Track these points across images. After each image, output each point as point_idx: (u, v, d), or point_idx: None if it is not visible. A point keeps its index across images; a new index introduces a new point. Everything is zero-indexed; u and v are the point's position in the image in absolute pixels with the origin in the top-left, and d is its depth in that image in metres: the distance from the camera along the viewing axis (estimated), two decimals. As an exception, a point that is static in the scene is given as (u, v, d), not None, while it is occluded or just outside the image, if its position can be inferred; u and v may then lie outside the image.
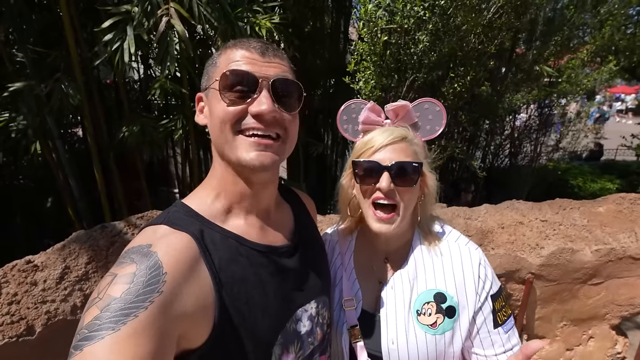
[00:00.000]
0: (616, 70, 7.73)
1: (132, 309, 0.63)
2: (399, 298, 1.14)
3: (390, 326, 1.11)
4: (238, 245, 0.85)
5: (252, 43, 0.87)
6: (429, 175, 1.17)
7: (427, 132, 1.22)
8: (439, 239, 1.21)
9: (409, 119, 1.18)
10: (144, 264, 0.69)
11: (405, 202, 1.11)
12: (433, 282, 1.13)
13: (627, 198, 2.43)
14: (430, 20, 3.06)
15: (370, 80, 3.22)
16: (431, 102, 1.20)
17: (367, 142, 1.14)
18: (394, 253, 1.23)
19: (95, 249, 1.77)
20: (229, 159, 0.87)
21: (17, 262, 1.61)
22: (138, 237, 0.79)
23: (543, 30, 5.59)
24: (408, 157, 1.10)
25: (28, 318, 1.52)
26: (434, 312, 1.09)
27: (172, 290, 0.68)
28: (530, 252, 2.18)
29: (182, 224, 0.81)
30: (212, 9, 2.68)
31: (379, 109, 1.21)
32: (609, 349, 2.41)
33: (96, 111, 3.79)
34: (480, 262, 1.15)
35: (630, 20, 8.53)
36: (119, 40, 2.51)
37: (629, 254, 2.20)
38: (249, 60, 0.85)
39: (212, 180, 0.92)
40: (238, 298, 0.80)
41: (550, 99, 6.82)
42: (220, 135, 0.85)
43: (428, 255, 1.17)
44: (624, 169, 9.54)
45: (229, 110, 0.83)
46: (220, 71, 0.85)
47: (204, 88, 0.91)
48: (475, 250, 1.18)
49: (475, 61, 3.67)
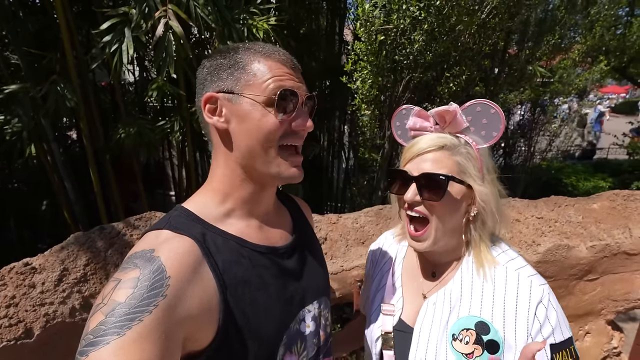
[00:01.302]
0: (607, 70, 7.83)
1: (136, 314, 0.64)
2: (437, 316, 1.05)
3: (422, 343, 1.04)
4: (239, 247, 0.86)
5: (281, 55, 0.89)
6: (480, 190, 1.04)
7: (483, 138, 1.08)
8: (495, 263, 1.06)
9: (457, 125, 1.07)
10: (148, 269, 0.70)
11: (438, 217, 1.03)
12: (478, 309, 1.01)
13: (621, 195, 2.47)
14: (426, 20, 3.09)
15: (367, 79, 3.24)
16: (484, 104, 1.06)
17: (406, 150, 1.11)
18: (443, 268, 1.14)
19: (94, 251, 1.77)
20: (260, 171, 0.89)
21: (14, 265, 1.60)
22: (140, 242, 0.80)
23: (535, 31, 5.65)
24: (443, 167, 1.02)
25: (26, 321, 1.51)
26: (472, 341, 0.98)
27: (176, 293, 0.69)
28: (527, 249, 2.20)
29: (183, 227, 0.81)
30: (209, 10, 2.69)
31: (426, 114, 1.13)
32: (605, 344, 2.43)
33: (92, 113, 3.77)
34: (541, 299, 0.97)
35: (620, 20, 8.64)
36: (117, 42, 2.51)
37: (624, 249, 2.23)
38: (290, 76, 0.88)
39: (214, 185, 0.93)
40: (242, 299, 0.81)
41: (543, 99, 6.89)
42: (259, 149, 0.86)
43: (478, 279, 1.05)
44: (616, 168, 9.65)
45: (280, 125, 0.86)
46: (260, 82, 0.85)
47: (228, 91, 0.87)
48: (540, 285, 1.00)
49: (470, 61, 3.71)
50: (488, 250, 1.08)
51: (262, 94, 0.84)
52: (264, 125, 0.85)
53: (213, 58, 0.91)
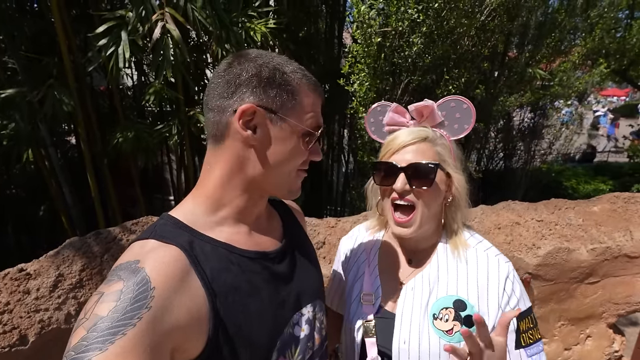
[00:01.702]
0: (607, 72, 7.84)
1: (119, 327, 0.62)
2: (417, 300, 1.12)
3: (405, 326, 1.10)
4: (228, 254, 0.84)
5: (319, 91, 0.93)
6: (457, 178, 1.14)
7: (455, 131, 1.19)
8: (467, 245, 1.17)
9: (433, 119, 1.16)
10: (131, 280, 0.68)
11: (424, 203, 1.10)
12: (454, 289, 1.10)
13: (621, 197, 2.45)
14: (424, 22, 3.08)
15: (364, 82, 3.23)
16: (458, 100, 1.17)
17: (388, 144, 1.16)
18: (419, 255, 1.21)
19: (90, 256, 1.75)
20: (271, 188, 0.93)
21: (9, 271, 1.58)
22: (126, 253, 0.77)
23: (535, 33, 5.66)
24: (427, 158, 1.09)
25: (21, 327, 1.49)
26: (451, 318, 1.06)
27: (161, 304, 0.68)
28: (527, 252, 2.18)
29: (170, 236, 0.79)
30: (207, 13, 2.68)
31: (402, 110, 1.21)
32: (607, 347, 2.42)
33: (89, 118, 3.76)
34: (508, 275, 1.10)
35: (619, 23, 8.67)
36: (113, 45, 2.49)
37: (625, 252, 2.21)
38: (320, 112, 0.94)
39: (206, 192, 0.89)
40: (233, 307, 0.79)
41: (543, 102, 6.89)
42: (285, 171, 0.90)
43: (453, 261, 1.15)
44: (616, 171, 9.65)
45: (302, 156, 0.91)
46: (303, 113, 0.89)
47: (272, 110, 0.84)
48: (505, 263, 1.13)
49: (470, 63, 3.70)
50: (461, 234, 1.19)
51: (303, 124, 0.87)
52: (295, 153, 0.88)
53: (255, 64, 0.85)
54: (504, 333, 0.91)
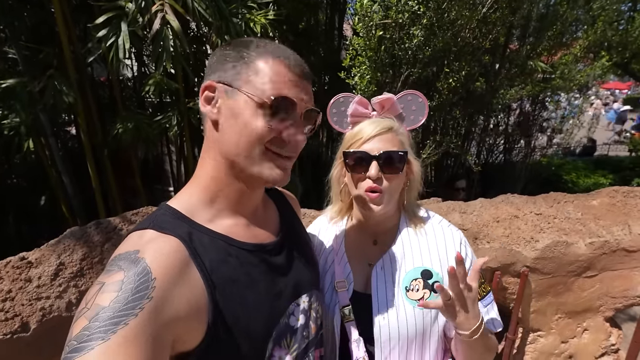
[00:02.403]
0: (609, 65, 7.80)
1: (121, 317, 0.62)
2: (389, 277, 1.21)
3: (381, 304, 1.18)
4: (227, 246, 0.85)
5: (292, 60, 0.85)
6: (414, 162, 1.25)
7: (411, 122, 1.30)
8: (423, 221, 1.30)
9: (394, 111, 1.25)
10: (132, 271, 0.68)
11: (392, 187, 1.19)
12: (420, 260, 1.22)
13: (620, 191, 2.45)
14: (425, 14, 3.06)
15: (365, 75, 3.22)
16: (414, 94, 1.28)
17: (357, 134, 1.21)
18: (383, 235, 1.30)
19: (90, 245, 1.76)
20: (243, 169, 0.85)
21: (11, 259, 1.60)
22: (124, 243, 0.77)
23: (536, 26, 5.62)
24: (394, 146, 1.18)
25: (23, 315, 1.51)
26: (421, 287, 1.18)
27: (162, 295, 0.68)
28: (525, 246, 2.19)
29: (169, 227, 0.79)
30: (206, 4, 2.66)
31: (365, 102, 1.28)
32: (603, 340, 2.43)
33: (90, 108, 3.76)
34: (461, 241, 1.26)
35: (622, 16, 8.60)
36: (113, 36, 2.48)
37: (623, 246, 2.22)
38: (293, 84, 0.84)
39: (202, 182, 0.90)
40: (231, 299, 0.80)
41: (544, 95, 6.86)
42: (243, 147, 0.83)
43: (414, 236, 1.26)
44: (617, 164, 9.62)
45: (268, 131, 0.82)
46: (259, 82, 0.81)
47: (227, 83, 0.83)
48: (457, 231, 1.29)
49: (470, 56, 3.68)
50: (417, 212, 1.33)
51: (258, 94, 0.81)
52: (252, 126, 0.81)
53: (224, 47, 0.87)
54: (476, 277, 1.03)
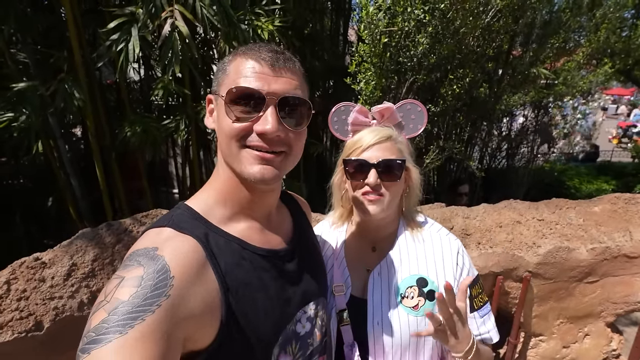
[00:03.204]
0: (611, 72, 7.81)
1: (139, 313, 0.63)
2: (385, 283, 1.24)
3: (376, 309, 1.21)
4: (241, 250, 0.86)
5: (263, 53, 0.84)
6: (413, 170, 1.29)
7: (410, 131, 1.33)
8: (422, 228, 1.33)
9: (393, 119, 1.28)
10: (152, 267, 0.69)
11: (391, 194, 1.22)
12: (416, 268, 1.24)
13: (622, 198, 2.47)
14: (430, 23, 3.11)
15: (371, 81, 3.26)
16: (413, 103, 1.31)
17: (356, 142, 1.25)
18: (381, 242, 1.33)
19: (102, 247, 1.80)
20: (233, 169, 0.88)
21: (25, 259, 1.64)
22: (142, 239, 0.79)
23: (539, 33, 5.64)
24: (393, 154, 1.21)
25: (37, 314, 1.55)
26: (416, 295, 1.20)
27: (179, 293, 0.69)
28: (528, 251, 2.22)
29: (187, 227, 0.81)
30: (215, 11, 2.71)
31: (365, 111, 1.31)
32: (605, 346, 2.45)
33: (98, 111, 3.81)
34: (459, 251, 1.27)
35: (625, 23, 8.61)
36: (123, 41, 2.54)
37: (624, 252, 2.24)
38: (258, 75, 0.82)
39: (215, 184, 0.92)
40: (243, 301, 0.81)
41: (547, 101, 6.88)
42: (225, 147, 0.87)
43: (412, 243, 1.29)
44: (619, 170, 9.60)
45: (234, 126, 0.83)
46: (229, 82, 0.84)
47: (214, 92, 0.89)
48: (455, 240, 1.30)
49: (474, 63, 3.72)
50: (416, 218, 1.35)
51: (225, 93, 0.82)
52: (222, 125, 0.84)
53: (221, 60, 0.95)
54: (463, 298, 1.06)
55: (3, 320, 1.48)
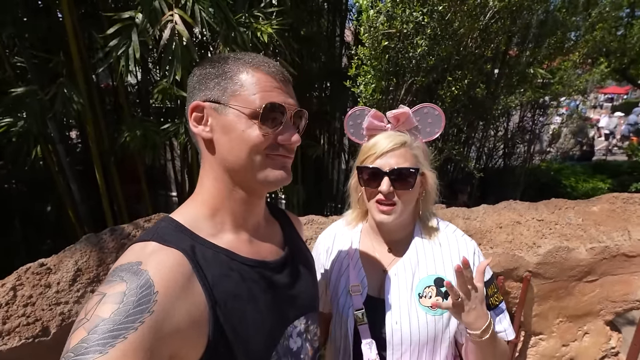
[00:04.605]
0: (607, 71, 7.88)
1: (121, 331, 0.61)
2: (402, 283, 1.25)
3: (395, 308, 1.22)
4: (229, 261, 0.84)
5: (271, 67, 0.88)
6: (429, 175, 1.29)
7: (427, 134, 1.33)
8: (438, 231, 1.34)
9: (409, 124, 1.28)
10: (135, 283, 0.67)
11: (404, 201, 1.23)
12: (433, 269, 1.25)
13: (620, 197, 2.50)
14: (429, 25, 3.13)
15: (370, 84, 3.28)
16: (430, 107, 1.31)
17: (370, 148, 1.25)
18: (397, 244, 1.34)
19: (105, 252, 1.81)
20: (248, 179, 0.87)
21: (30, 265, 1.64)
22: (126, 254, 0.77)
23: (536, 32, 5.68)
24: (407, 162, 1.21)
25: (43, 319, 1.55)
26: (434, 295, 1.22)
27: (163, 309, 0.67)
28: (528, 251, 2.24)
29: (172, 239, 0.79)
30: (213, 14, 2.72)
31: (380, 115, 1.31)
32: (604, 344, 2.47)
33: (96, 115, 3.81)
34: (475, 251, 1.30)
35: (620, 22, 8.69)
36: (123, 46, 2.53)
37: (623, 251, 2.26)
38: (278, 90, 0.87)
39: (203, 197, 0.91)
40: (232, 314, 0.79)
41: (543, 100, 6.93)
42: (244, 158, 0.85)
43: (428, 245, 1.30)
44: (615, 169, 9.65)
45: (263, 139, 0.84)
46: (247, 94, 0.84)
47: (214, 100, 0.85)
48: (470, 241, 1.33)
49: (472, 65, 3.74)
50: (432, 221, 1.36)
51: (248, 105, 0.83)
52: (248, 137, 0.83)
53: (203, 67, 0.89)
54: (481, 279, 1.09)
55: (10, 326, 1.48)
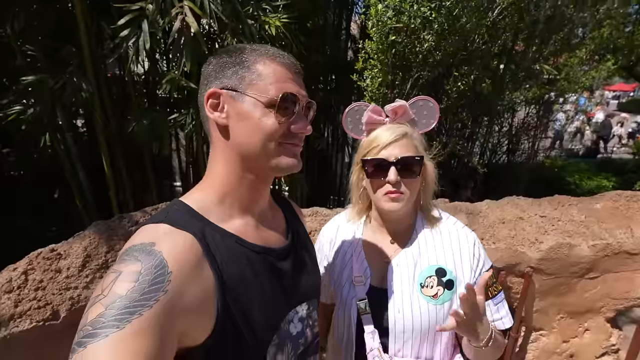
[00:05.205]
0: (614, 68, 7.81)
1: (137, 307, 0.63)
2: (404, 273, 1.28)
3: (397, 298, 1.26)
4: (237, 246, 0.87)
5: (286, 59, 0.92)
6: (428, 164, 1.33)
7: (423, 126, 1.36)
8: (439, 221, 1.37)
9: (407, 116, 1.31)
10: (149, 263, 0.69)
11: (411, 190, 1.26)
12: (435, 259, 1.29)
13: (624, 195, 2.50)
14: (436, 20, 3.12)
15: (377, 77, 3.28)
16: (425, 100, 1.34)
17: (373, 141, 1.27)
18: (399, 234, 1.37)
19: (114, 239, 1.85)
20: (261, 165, 0.90)
21: (41, 250, 1.68)
22: (138, 234, 0.78)
23: (543, 28, 5.64)
24: (410, 151, 1.24)
25: (53, 303, 1.59)
26: (436, 284, 1.25)
27: (176, 289, 0.69)
28: (530, 247, 2.25)
29: (183, 223, 0.81)
30: (222, 6, 2.72)
31: (379, 109, 1.34)
32: (604, 341, 2.48)
33: (105, 105, 3.83)
34: (475, 242, 1.32)
35: (629, 19, 8.58)
36: (134, 36, 2.55)
37: (625, 249, 2.27)
38: (292, 81, 0.91)
39: (213, 182, 0.93)
40: (239, 298, 0.82)
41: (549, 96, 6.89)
42: (259, 144, 0.88)
43: (430, 235, 1.33)
44: (620, 167, 9.59)
45: (278, 127, 0.88)
46: (264, 84, 0.87)
47: (231, 88, 0.88)
48: (470, 233, 1.35)
49: (479, 60, 3.73)
50: (433, 211, 1.39)
51: (265, 94, 0.86)
52: (264, 125, 0.87)
53: (219, 56, 0.92)
54: (482, 292, 1.11)
55: (22, 309, 1.53)
